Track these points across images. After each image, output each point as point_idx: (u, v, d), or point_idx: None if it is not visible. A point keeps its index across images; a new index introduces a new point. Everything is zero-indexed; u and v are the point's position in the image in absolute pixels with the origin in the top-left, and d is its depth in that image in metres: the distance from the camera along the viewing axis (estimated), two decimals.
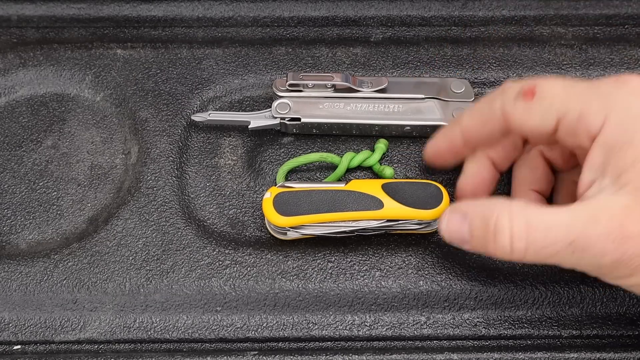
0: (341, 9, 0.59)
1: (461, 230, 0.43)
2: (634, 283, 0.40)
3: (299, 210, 0.46)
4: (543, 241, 0.39)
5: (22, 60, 0.57)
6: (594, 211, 0.38)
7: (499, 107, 0.42)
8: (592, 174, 0.40)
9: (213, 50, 0.57)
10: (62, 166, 0.53)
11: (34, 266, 0.49)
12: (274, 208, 0.47)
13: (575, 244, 0.38)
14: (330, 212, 0.46)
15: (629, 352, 0.46)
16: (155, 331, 0.47)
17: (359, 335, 0.47)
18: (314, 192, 0.47)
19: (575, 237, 0.38)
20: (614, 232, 0.38)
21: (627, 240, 0.38)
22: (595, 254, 0.38)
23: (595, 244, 0.38)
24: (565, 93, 0.40)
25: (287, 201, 0.47)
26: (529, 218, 0.39)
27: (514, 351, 0.46)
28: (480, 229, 0.41)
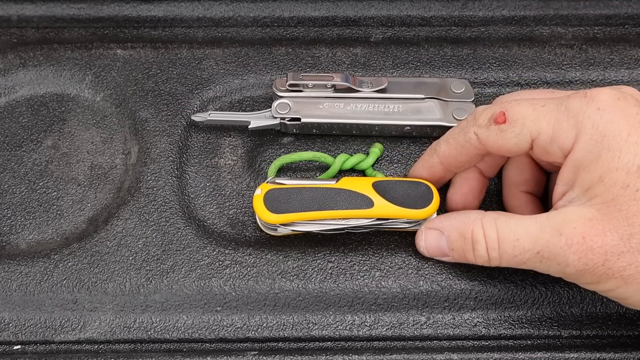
0: (341, 9, 0.59)
1: (440, 246, 0.46)
2: (603, 289, 0.41)
3: (289, 208, 0.46)
4: (513, 251, 0.42)
5: (22, 60, 0.57)
6: (559, 223, 0.41)
7: (473, 134, 0.44)
8: (563, 187, 0.42)
9: (213, 50, 0.57)
10: (62, 166, 0.53)
11: (34, 266, 0.49)
12: (264, 205, 0.46)
13: (541, 254, 0.41)
14: (320, 211, 0.46)
15: (629, 352, 0.46)
16: (155, 331, 0.47)
17: (359, 335, 0.47)
18: (304, 189, 0.47)
19: (540, 248, 0.41)
20: (576, 244, 0.40)
21: (588, 252, 0.40)
22: (559, 263, 0.41)
23: (559, 254, 0.40)
24: (536, 114, 0.42)
25: (277, 198, 0.47)
26: (499, 230, 0.42)
27: (514, 351, 0.46)
28: (458, 242, 0.45)
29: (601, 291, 0.42)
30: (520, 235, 0.42)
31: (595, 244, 0.40)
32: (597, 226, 0.40)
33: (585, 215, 0.40)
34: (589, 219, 0.40)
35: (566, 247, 0.40)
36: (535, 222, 0.41)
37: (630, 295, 0.41)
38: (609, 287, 0.41)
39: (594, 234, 0.40)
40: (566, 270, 0.41)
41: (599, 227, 0.40)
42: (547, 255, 0.41)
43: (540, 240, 0.41)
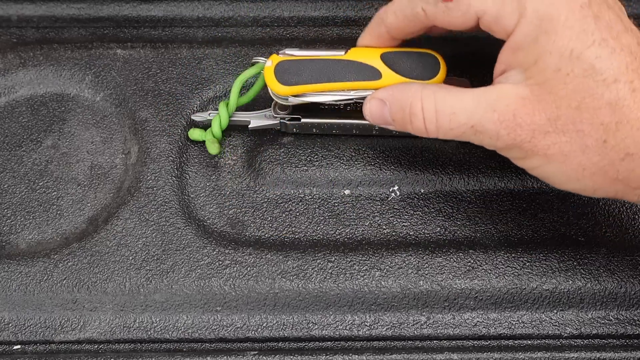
0: (341, 9, 0.59)
1: (383, 115, 0.47)
2: (530, 166, 0.44)
3: (299, 80, 0.48)
4: (449, 124, 0.44)
5: (22, 60, 0.57)
6: (493, 99, 0.42)
7: (420, 9, 0.45)
8: (502, 65, 0.43)
9: (213, 50, 0.57)
10: (62, 166, 0.53)
11: (34, 266, 0.49)
12: (275, 77, 0.48)
13: (475, 128, 0.43)
14: (329, 82, 0.47)
15: (629, 352, 0.46)
16: (155, 331, 0.47)
17: (359, 335, 0.47)
18: (314, 61, 0.48)
19: (475, 122, 0.43)
20: (507, 120, 0.42)
21: (517, 129, 0.42)
22: (491, 137, 0.43)
23: (491, 129, 0.42)
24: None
25: (287, 70, 0.48)
26: (437, 103, 0.44)
27: (514, 351, 0.46)
28: (398, 113, 0.46)
29: (528, 168, 0.44)
30: (457, 109, 0.43)
31: (524, 122, 0.42)
32: (528, 105, 0.41)
33: (519, 94, 0.42)
34: (521, 98, 0.42)
35: (498, 122, 0.42)
36: (472, 97, 0.43)
37: (552, 174, 0.43)
38: (534, 164, 0.43)
39: (524, 113, 0.42)
40: (497, 144, 0.43)
41: (530, 106, 0.41)
42: (480, 129, 0.43)
43: (475, 115, 0.43)
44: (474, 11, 0.43)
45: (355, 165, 0.52)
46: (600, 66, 0.40)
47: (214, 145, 0.51)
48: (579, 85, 0.40)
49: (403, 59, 0.48)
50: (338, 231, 0.50)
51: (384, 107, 0.47)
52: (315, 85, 0.48)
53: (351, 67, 0.48)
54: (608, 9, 0.41)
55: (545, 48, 0.41)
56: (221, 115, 0.51)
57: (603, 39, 0.40)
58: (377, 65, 0.47)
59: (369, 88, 0.47)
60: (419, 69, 0.47)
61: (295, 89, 0.48)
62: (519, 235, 0.50)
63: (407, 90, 0.46)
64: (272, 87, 0.48)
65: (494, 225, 0.50)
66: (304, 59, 0.48)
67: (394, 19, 0.47)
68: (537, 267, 0.48)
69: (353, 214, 0.51)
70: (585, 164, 0.41)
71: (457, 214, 0.50)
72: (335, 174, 0.52)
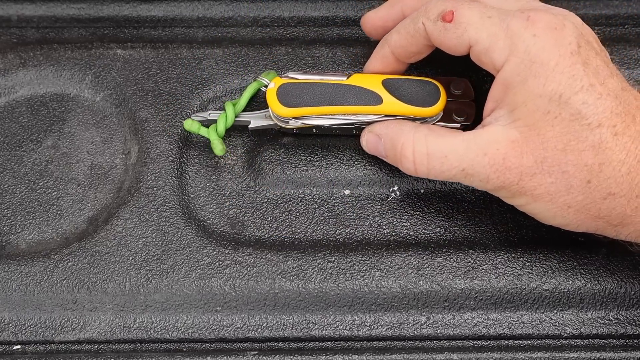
0: (341, 9, 0.59)
1: (378, 148, 0.49)
2: (518, 204, 0.45)
3: (301, 102, 0.48)
4: (440, 167, 0.45)
5: (22, 60, 0.57)
6: (484, 143, 0.44)
7: (421, 24, 0.46)
8: (492, 103, 0.45)
9: (213, 50, 0.57)
10: (62, 166, 0.53)
11: (34, 266, 0.49)
12: (277, 98, 0.48)
13: (466, 171, 0.44)
14: (330, 106, 0.48)
15: (629, 352, 0.46)
16: (155, 331, 0.47)
17: (359, 335, 0.47)
18: (316, 84, 0.48)
19: (466, 165, 0.44)
20: (497, 164, 0.43)
21: (506, 172, 0.43)
22: (481, 180, 0.44)
23: (481, 172, 0.44)
24: (480, 23, 0.44)
25: (289, 92, 0.48)
26: (429, 147, 0.45)
27: (514, 351, 0.46)
28: (390, 150, 0.48)
29: (516, 205, 0.45)
30: (449, 153, 0.45)
31: (513, 165, 0.43)
32: (517, 148, 0.43)
33: (509, 137, 0.43)
34: (511, 141, 0.43)
35: (488, 166, 0.43)
36: (463, 140, 0.44)
37: (539, 211, 0.44)
38: (521, 202, 0.44)
39: (513, 156, 0.43)
40: (486, 186, 0.45)
41: (519, 149, 0.43)
42: (471, 172, 0.44)
43: (466, 158, 0.44)
44: (467, 37, 0.44)
45: (355, 165, 0.52)
46: (586, 111, 0.41)
47: (219, 146, 0.51)
48: (565, 129, 0.42)
49: (404, 86, 0.48)
50: (338, 231, 0.50)
51: (379, 142, 0.49)
52: (316, 108, 0.48)
53: (353, 91, 0.48)
54: (596, 55, 0.43)
55: (535, 91, 0.42)
56: (227, 115, 0.51)
57: (591, 84, 0.42)
58: (378, 90, 0.48)
59: (370, 113, 0.48)
60: (419, 96, 0.48)
61: (297, 111, 0.48)
62: (519, 235, 0.50)
63: (401, 131, 0.47)
64: (274, 108, 0.49)
65: (494, 225, 0.50)
66: (306, 82, 0.49)
67: (398, 37, 0.48)
68: (537, 267, 0.48)
69: (353, 214, 0.51)
70: (570, 202, 0.43)
71: (457, 214, 0.50)
72: (335, 174, 0.52)
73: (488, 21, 0.43)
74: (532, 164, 0.43)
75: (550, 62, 0.42)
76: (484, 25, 0.43)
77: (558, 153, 0.42)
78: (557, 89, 0.42)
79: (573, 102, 0.41)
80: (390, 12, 0.51)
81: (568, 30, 0.43)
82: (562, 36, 0.42)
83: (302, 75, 0.49)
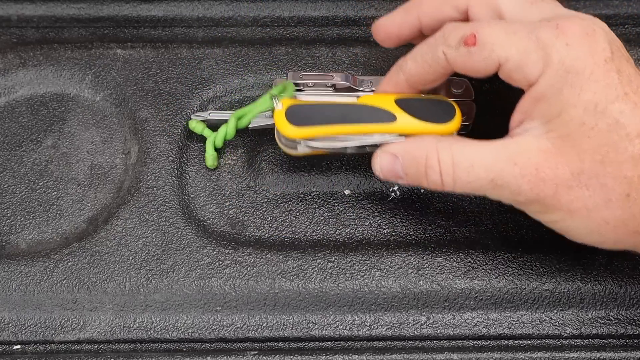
0: (341, 9, 0.59)
1: (394, 169, 0.45)
2: (548, 220, 0.43)
3: (311, 122, 0.46)
4: (467, 177, 0.42)
5: (22, 60, 0.57)
6: (514, 152, 0.41)
7: (442, 53, 0.44)
8: (521, 115, 0.43)
9: (213, 50, 0.57)
10: (62, 166, 0.53)
11: (34, 266, 0.49)
12: (286, 119, 0.46)
13: (495, 182, 0.42)
14: (342, 124, 0.46)
15: (629, 352, 0.46)
16: (155, 331, 0.47)
17: (359, 335, 0.47)
18: (326, 105, 0.46)
19: (494, 175, 0.42)
20: (529, 174, 0.41)
21: (540, 183, 0.41)
22: (512, 192, 0.42)
23: (511, 183, 0.41)
24: (507, 40, 0.42)
25: (299, 113, 0.46)
26: (454, 156, 0.43)
27: (514, 351, 0.46)
28: (412, 167, 0.44)
29: (546, 221, 0.43)
30: (475, 162, 0.42)
31: (547, 176, 0.41)
32: (551, 159, 0.41)
33: (540, 147, 0.41)
34: (543, 151, 0.41)
35: (520, 176, 0.41)
36: (491, 149, 0.42)
37: (573, 228, 0.42)
38: (555, 218, 0.42)
39: (546, 166, 0.41)
40: (517, 199, 0.42)
41: (552, 160, 0.41)
42: (500, 183, 0.42)
43: (494, 168, 0.42)
44: (496, 56, 0.42)
45: (355, 165, 0.52)
46: (624, 121, 0.40)
47: (211, 161, 0.51)
48: (603, 139, 0.40)
49: (418, 104, 0.46)
50: (338, 231, 0.50)
51: (395, 162, 0.45)
52: (327, 127, 0.46)
53: (365, 110, 0.46)
54: (627, 62, 0.41)
55: (570, 101, 0.40)
56: (229, 128, 0.50)
57: (625, 93, 0.40)
58: (391, 109, 0.46)
59: (384, 131, 0.46)
60: (434, 113, 0.46)
61: (307, 131, 0.46)
62: (519, 235, 0.50)
63: (421, 143, 0.44)
64: (282, 129, 0.46)
65: (494, 225, 0.50)
66: (315, 104, 0.47)
67: (414, 65, 0.45)
68: (537, 267, 0.48)
69: (353, 214, 0.51)
70: (608, 217, 0.41)
71: (457, 214, 0.50)
72: (336, 173, 0.52)
73: (515, 37, 0.41)
74: (568, 176, 0.41)
75: (585, 70, 0.40)
76: (511, 42, 0.41)
77: (596, 165, 0.40)
78: (593, 98, 0.40)
79: (609, 111, 0.40)
80: (405, 18, 0.48)
81: (600, 36, 0.41)
82: (595, 42, 0.41)
83: (311, 97, 0.47)
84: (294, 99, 0.47)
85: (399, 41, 0.49)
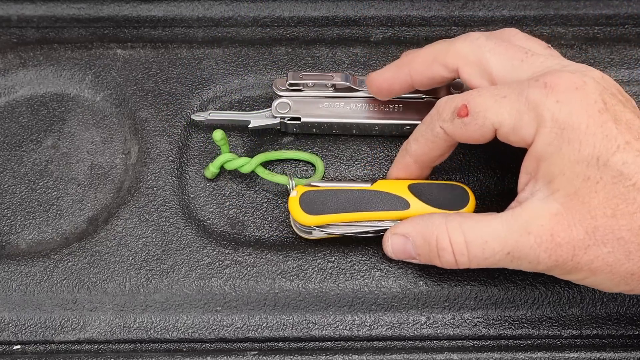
0: (341, 9, 0.59)
1: (406, 250, 0.46)
2: (575, 279, 0.42)
3: (325, 209, 0.46)
4: (482, 254, 0.42)
5: (22, 60, 0.57)
6: (526, 221, 0.41)
7: (439, 128, 0.44)
8: (526, 176, 0.42)
9: (213, 50, 0.57)
10: (62, 166, 0.53)
11: (34, 266, 0.49)
12: (300, 207, 0.47)
13: (511, 255, 0.41)
14: (356, 212, 0.46)
15: (629, 352, 0.46)
16: (155, 331, 0.47)
17: (359, 335, 0.47)
18: (340, 191, 0.47)
19: (510, 249, 0.41)
20: (545, 242, 0.40)
21: (557, 249, 0.40)
22: (530, 262, 0.41)
23: (529, 254, 0.41)
24: (497, 106, 0.42)
25: (313, 200, 0.47)
26: (466, 234, 0.42)
27: (514, 351, 0.46)
28: (423, 247, 0.44)
29: (574, 280, 0.42)
30: (489, 238, 0.42)
31: (563, 240, 0.40)
32: (563, 221, 0.40)
33: (551, 211, 0.40)
34: (554, 214, 0.40)
35: (535, 245, 0.40)
36: (502, 221, 0.42)
37: (600, 283, 0.42)
38: (580, 277, 0.41)
39: (560, 230, 0.40)
40: (538, 267, 0.41)
41: (565, 222, 0.40)
42: (517, 255, 0.41)
43: (509, 240, 0.41)
44: (490, 123, 0.42)
45: (355, 165, 0.52)
46: (628, 171, 0.39)
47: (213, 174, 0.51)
48: (610, 193, 0.39)
49: (431, 190, 0.47)
50: None
51: (406, 243, 0.45)
52: (341, 214, 0.46)
53: (378, 197, 0.46)
54: (623, 107, 0.41)
55: (571, 158, 0.40)
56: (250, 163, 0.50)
57: (626, 142, 0.39)
58: (405, 195, 0.46)
59: (397, 218, 0.46)
60: (447, 199, 0.46)
61: (321, 219, 0.46)
62: None
63: (431, 223, 0.44)
64: (297, 217, 0.47)
65: None
66: (329, 190, 0.47)
67: (417, 145, 0.46)
68: None
69: None
70: (632, 269, 0.40)
71: None
72: (335, 173, 0.52)
73: (504, 101, 0.42)
74: (583, 236, 0.40)
75: (580, 125, 0.40)
76: (501, 106, 0.42)
77: (609, 220, 0.39)
78: (593, 153, 0.39)
79: (612, 163, 0.39)
80: (397, 75, 0.48)
81: (590, 88, 0.41)
82: (586, 95, 0.40)
83: (325, 183, 0.48)
84: (308, 186, 0.47)
85: (390, 94, 0.50)
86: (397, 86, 0.49)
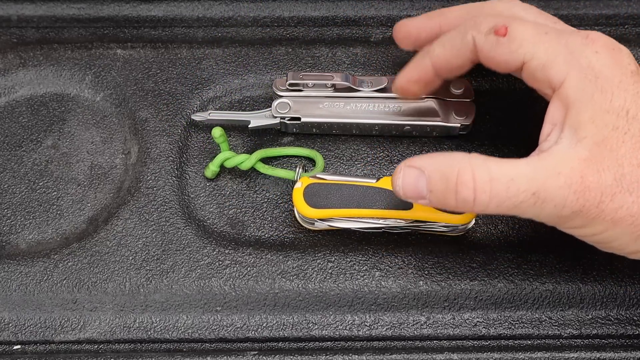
0: (341, 9, 0.59)
1: (417, 186, 0.42)
2: (586, 234, 0.41)
3: (328, 203, 0.46)
4: (506, 193, 0.39)
5: (22, 60, 0.57)
6: (555, 163, 0.40)
7: (471, 37, 0.44)
8: (550, 126, 0.42)
9: (213, 50, 0.57)
10: (62, 166, 0.53)
11: (34, 266, 0.49)
12: (303, 199, 0.47)
13: (537, 195, 0.39)
14: (359, 208, 0.46)
15: (629, 352, 0.46)
16: (155, 331, 0.47)
17: (359, 335, 0.47)
18: (344, 186, 0.47)
19: (537, 188, 0.39)
20: (575, 183, 0.39)
21: (586, 192, 0.39)
22: (556, 205, 0.39)
23: (557, 195, 0.39)
24: (536, 39, 0.42)
25: (317, 192, 0.47)
26: (491, 171, 0.40)
27: (514, 351, 0.46)
28: (439, 184, 0.41)
29: (589, 235, 0.41)
30: (515, 176, 0.39)
31: (592, 184, 0.39)
32: (592, 166, 0.39)
33: (580, 155, 0.40)
34: (583, 159, 0.39)
35: (565, 186, 0.39)
36: (527, 163, 0.40)
37: (618, 237, 0.41)
38: (598, 230, 0.40)
39: (590, 174, 0.39)
40: (561, 212, 0.40)
41: (594, 166, 0.39)
42: (543, 196, 0.39)
43: (536, 180, 0.39)
44: (522, 52, 0.42)
45: (355, 165, 0.52)
46: None
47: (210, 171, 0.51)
48: (638, 144, 0.40)
49: None
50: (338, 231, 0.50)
51: (419, 178, 0.42)
52: (344, 210, 0.46)
53: (382, 195, 0.46)
54: None
55: (603, 106, 0.40)
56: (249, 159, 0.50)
57: None
58: None
59: (399, 218, 0.46)
60: None
61: (323, 212, 0.46)
62: (519, 235, 0.50)
63: (452, 158, 0.41)
64: (300, 208, 0.47)
65: (494, 225, 0.50)
66: (334, 183, 0.47)
67: (441, 49, 0.46)
68: (537, 267, 0.48)
69: None
70: None
71: None
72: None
73: (545, 37, 0.42)
74: (611, 182, 0.39)
75: (614, 78, 0.40)
76: (541, 41, 0.42)
77: (635, 169, 0.39)
78: (624, 105, 0.40)
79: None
80: (427, 23, 0.49)
81: (625, 53, 0.42)
82: (621, 57, 0.42)
83: (330, 176, 0.47)
84: (314, 178, 0.47)
85: (415, 43, 0.50)
86: (425, 34, 0.49)
